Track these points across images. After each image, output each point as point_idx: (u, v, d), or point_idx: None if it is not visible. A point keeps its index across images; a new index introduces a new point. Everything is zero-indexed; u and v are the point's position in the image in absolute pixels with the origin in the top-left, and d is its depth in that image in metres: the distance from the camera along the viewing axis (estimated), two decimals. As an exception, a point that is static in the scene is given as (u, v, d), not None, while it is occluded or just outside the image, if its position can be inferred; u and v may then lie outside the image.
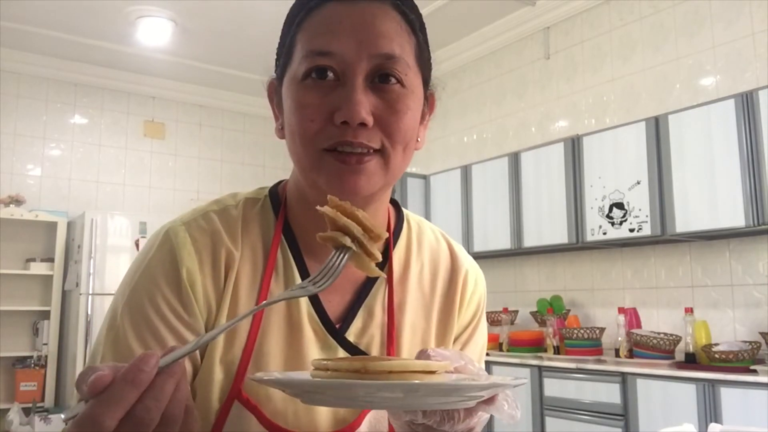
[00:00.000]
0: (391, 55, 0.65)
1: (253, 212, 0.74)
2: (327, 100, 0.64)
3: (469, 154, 5.01)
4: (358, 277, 0.75)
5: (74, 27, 4.93)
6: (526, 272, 4.51)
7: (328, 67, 0.65)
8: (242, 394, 0.67)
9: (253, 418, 0.67)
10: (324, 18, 0.66)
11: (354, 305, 0.74)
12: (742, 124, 3.06)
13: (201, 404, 0.68)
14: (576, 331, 3.62)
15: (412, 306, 0.77)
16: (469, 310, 0.83)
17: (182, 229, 0.71)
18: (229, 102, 6.31)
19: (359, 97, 0.63)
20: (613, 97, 4.10)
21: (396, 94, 0.66)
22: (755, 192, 2.99)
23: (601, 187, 3.67)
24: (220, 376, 0.68)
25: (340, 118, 0.63)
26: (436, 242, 0.84)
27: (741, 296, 3.33)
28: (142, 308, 0.67)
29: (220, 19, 4.77)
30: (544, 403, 3.56)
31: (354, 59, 0.64)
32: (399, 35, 0.67)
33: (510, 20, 4.71)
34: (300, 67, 0.66)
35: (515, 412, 0.58)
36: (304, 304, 0.72)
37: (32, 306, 5.09)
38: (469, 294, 0.82)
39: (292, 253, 0.73)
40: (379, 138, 0.65)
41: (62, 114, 5.61)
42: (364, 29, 0.65)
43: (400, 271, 0.78)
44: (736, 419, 2.70)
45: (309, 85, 0.66)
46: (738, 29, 3.47)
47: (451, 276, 0.82)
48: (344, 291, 0.75)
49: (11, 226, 5.00)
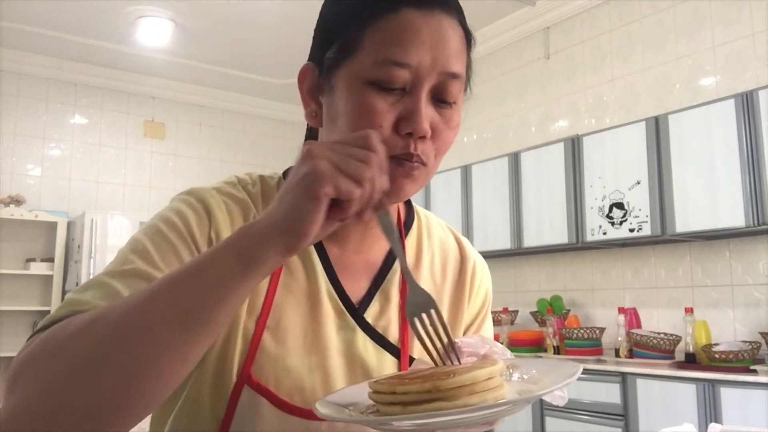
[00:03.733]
0: (457, 75, 0.68)
1: (269, 187, 0.77)
2: (394, 108, 0.66)
3: (469, 154, 5.01)
4: (373, 264, 0.78)
5: (74, 27, 4.93)
6: (526, 272, 4.50)
7: (403, 81, 0.66)
8: (252, 378, 0.67)
9: (264, 401, 0.67)
10: (401, 25, 0.66)
11: (371, 290, 0.76)
12: (742, 124, 3.06)
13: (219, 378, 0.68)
14: (576, 331, 3.62)
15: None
16: (477, 300, 0.85)
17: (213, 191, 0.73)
18: (229, 102, 6.31)
19: (425, 111, 0.66)
20: (613, 97, 4.10)
21: (451, 111, 0.69)
22: (755, 192, 2.99)
23: (601, 187, 3.67)
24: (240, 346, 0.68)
25: (407, 129, 0.65)
26: (444, 234, 0.87)
27: (741, 296, 3.33)
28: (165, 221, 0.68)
29: (220, 19, 4.77)
30: (544, 403, 3.55)
31: (427, 74, 0.66)
32: (462, 53, 0.69)
33: (510, 20, 4.72)
34: (373, 70, 0.66)
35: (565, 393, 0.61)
36: (324, 283, 0.73)
37: (32, 306, 5.09)
38: (477, 284, 0.85)
39: None
40: (431, 152, 0.68)
41: (62, 114, 5.61)
42: (440, 46, 0.66)
43: (412, 260, 0.80)
44: (736, 419, 2.70)
45: (377, 89, 0.66)
46: (738, 29, 3.47)
47: (460, 266, 0.84)
48: (360, 277, 0.76)
49: (11, 226, 5.00)
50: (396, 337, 0.75)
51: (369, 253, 0.77)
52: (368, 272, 0.77)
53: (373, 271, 0.78)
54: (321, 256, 0.74)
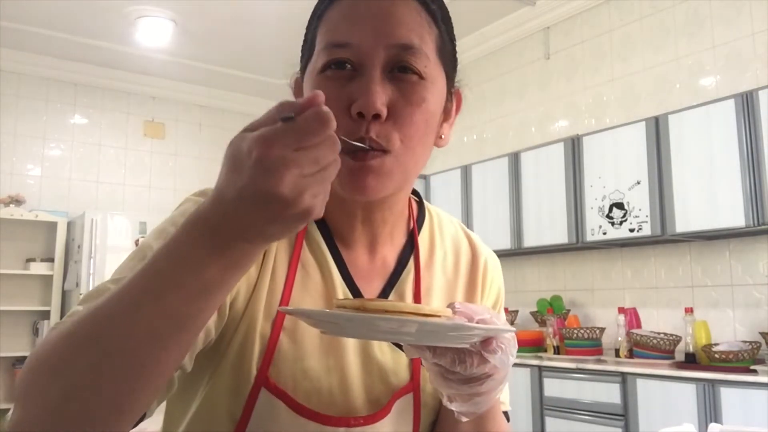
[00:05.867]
0: (409, 45, 0.64)
1: None
2: (345, 92, 0.64)
3: (469, 154, 5.01)
4: (387, 264, 0.77)
5: (74, 27, 4.93)
6: (526, 272, 4.50)
7: (346, 59, 0.64)
8: (269, 381, 0.67)
9: (281, 404, 0.67)
10: (343, 9, 0.66)
11: (385, 289, 0.76)
12: (742, 124, 3.06)
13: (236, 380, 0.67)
14: (576, 331, 3.62)
15: (438, 291, 0.79)
16: (490, 297, 0.85)
17: None
18: (229, 102, 6.31)
19: (375, 88, 0.62)
20: (613, 97, 4.10)
21: (412, 85, 0.65)
22: (755, 192, 2.99)
23: (601, 187, 3.67)
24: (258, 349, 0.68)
25: (356, 110, 0.62)
26: (455, 231, 0.86)
27: (741, 296, 3.33)
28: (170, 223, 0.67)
29: (220, 19, 4.76)
30: (544, 403, 3.56)
31: (370, 49, 0.63)
32: (419, 26, 0.66)
33: (510, 20, 4.72)
34: (319, 59, 0.66)
35: (508, 358, 0.61)
36: (339, 284, 0.73)
37: (32, 306, 5.09)
38: (490, 280, 0.85)
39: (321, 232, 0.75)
40: (393, 134, 0.64)
41: (62, 114, 5.61)
42: (381, 19, 0.64)
43: (426, 257, 0.80)
44: (736, 419, 2.70)
45: (328, 76, 0.65)
46: (738, 29, 3.47)
47: (472, 263, 0.83)
48: (374, 278, 0.76)
49: (11, 226, 5.00)
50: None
51: (381, 253, 0.77)
52: (382, 272, 0.77)
53: (387, 270, 0.77)
54: (335, 257, 0.74)
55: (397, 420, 0.73)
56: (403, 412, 0.73)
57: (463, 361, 0.59)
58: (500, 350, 0.60)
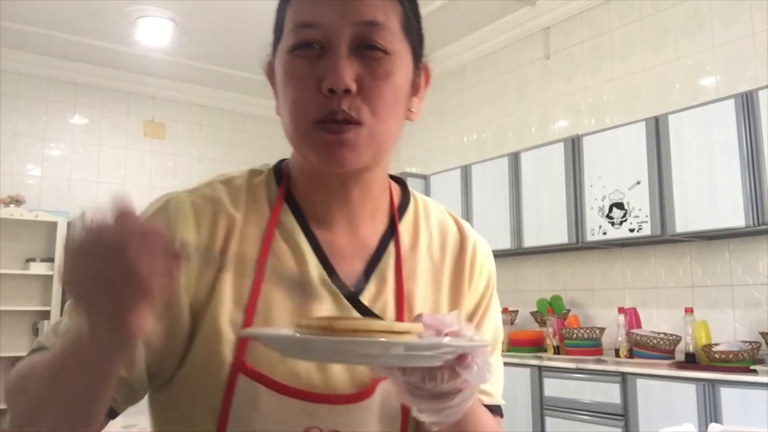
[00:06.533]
0: (374, 22, 0.67)
1: (256, 180, 0.77)
2: (314, 70, 0.66)
3: (469, 154, 5.01)
4: (368, 246, 0.77)
5: (74, 27, 4.93)
6: (526, 272, 4.50)
7: (313, 39, 0.67)
8: (246, 366, 0.67)
9: (261, 387, 0.67)
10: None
11: (366, 271, 0.75)
12: (742, 124, 3.06)
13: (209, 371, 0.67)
14: (576, 331, 3.62)
15: (423, 275, 0.78)
16: (480, 283, 0.83)
17: (185, 195, 0.73)
18: (229, 102, 6.31)
19: (342, 64, 0.65)
20: (613, 97, 4.10)
21: (378, 60, 0.67)
22: (755, 192, 2.99)
23: (601, 187, 3.67)
24: (231, 336, 0.68)
25: (327, 86, 0.65)
26: (442, 216, 0.85)
27: (741, 296, 3.33)
28: None
29: (220, 19, 4.76)
30: (544, 403, 3.56)
31: (336, 28, 0.66)
32: (383, 3, 0.68)
33: (510, 20, 4.71)
34: (288, 39, 0.69)
35: (484, 374, 0.59)
36: (315, 267, 0.73)
37: (32, 306, 5.08)
38: (479, 265, 0.83)
39: (296, 217, 0.75)
40: (363, 108, 0.66)
41: (62, 114, 5.61)
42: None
43: (409, 241, 0.79)
44: (736, 419, 2.70)
45: (297, 55, 0.68)
46: (738, 29, 3.47)
47: (460, 247, 0.83)
48: (355, 261, 0.75)
49: (11, 226, 5.00)
50: (393, 318, 0.74)
51: (361, 234, 0.77)
52: (362, 254, 0.76)
53: (368, 252, 0.76)
54: (311, 240, 0.74)
55: (384, 404, 0.71)
56: (391, 395, 0.71)
57: (433, 378, 0.58)
58: (476, 366, 0.58)
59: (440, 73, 5.42)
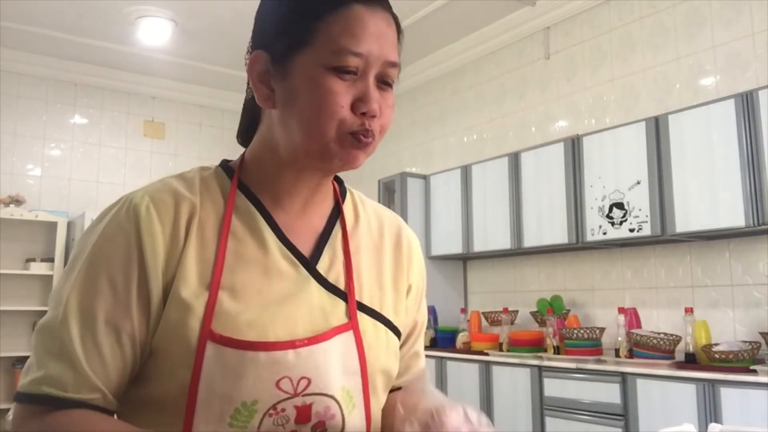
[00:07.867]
0: (396, 63, 0.80)
1: (207, 173, 0.86)
2: (351, 91, 0.77)
3: (469, 154, 5.01)
4: (317, 226, 0.87)
5: (74, 27, 4.93)
6: (526, 272, 4.51)
7: (355, 67, 0.77)
8: (214, 334, 0.72)
9: (229, 350, 0.72)
10: (353, 19, 0.77)
11: (319, 246, 0.85)
12: (742, 124, 3.06)
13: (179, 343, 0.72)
14: (576, 331, 3.62)
15: (366, 251, 0.90)
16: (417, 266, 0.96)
17: (141, 192, 0.79)
18: (229, 102, 6.31)
19: (375, 94, 0.78)
20: (613, 97, 4.10)
21: (389, 92, 0.81)
22: (755, 192, 2.99)
23: (601, 187, 3.67)
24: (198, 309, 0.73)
25: (362, 109, 0.77)
26: (376, 206, 0.99)
27: (741, 296, 3.33)
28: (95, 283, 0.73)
29: (220, 19, 4.77)
30: (544, 403, 3.56)
31: (373, 62, 0.78)
32: (397, 45, 0.82)
33: (510, 20, 4.72)
34: (331, 58, 0.76)
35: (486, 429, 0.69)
36: (274, 243, 0.81)
37: (32, 306, 5.09)
38: (416, 256, 0.96)
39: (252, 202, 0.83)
40: (378, 127, 0.80)
41: (62, 114, 5.61)
42: (384, 38, 0.79)
43: (351, 222, 0.91)
44: (736, 419, 2.70)
45: (341, 76, 0.77)
46: (738, 29, 3.47)
47: (397, 230, 0.96)
48: (307, 237, 0.85)
49: (11, 226, 5.00)
50: (344, 286, 0.84)
51: (311, 217, 0.87)
52: (313, 233, 0.86)
53: (317, 231, 0.87)
54: (268, 221, 0.82)
55: (343, 352, 0.79)
56: (348, 346, 0.79)
57: None
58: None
59: (440, 73, 5.43)
